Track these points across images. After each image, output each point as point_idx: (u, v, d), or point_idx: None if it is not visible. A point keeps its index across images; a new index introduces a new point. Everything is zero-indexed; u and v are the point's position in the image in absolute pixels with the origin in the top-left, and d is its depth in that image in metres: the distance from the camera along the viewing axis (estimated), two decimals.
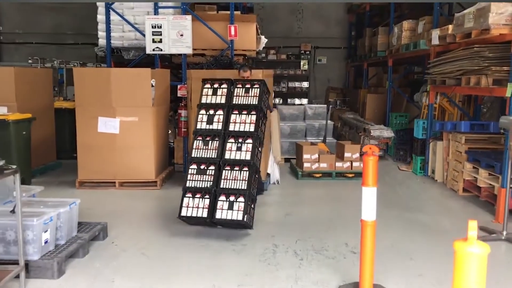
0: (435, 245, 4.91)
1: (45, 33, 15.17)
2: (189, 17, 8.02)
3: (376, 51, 11.61)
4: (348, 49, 15.61)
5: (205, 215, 4.97)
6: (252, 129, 5.28)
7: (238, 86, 5.58)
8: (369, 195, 3.55)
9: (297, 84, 15.18)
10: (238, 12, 8.83)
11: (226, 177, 5.10)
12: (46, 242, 4.08)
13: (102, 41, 8.48)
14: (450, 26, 7.01)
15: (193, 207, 5.03)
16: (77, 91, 7.05)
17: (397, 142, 9.88)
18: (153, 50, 8.08)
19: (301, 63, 15.33)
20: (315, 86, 15.90)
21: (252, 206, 5.13)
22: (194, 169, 5.21)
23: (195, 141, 5.34)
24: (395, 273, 4.17)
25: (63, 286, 3.90)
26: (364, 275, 3.63)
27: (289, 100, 14.68)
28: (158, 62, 8.22)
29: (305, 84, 15.26)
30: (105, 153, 7.01)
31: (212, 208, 4.98)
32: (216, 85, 5.61)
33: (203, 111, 5.49)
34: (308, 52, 15.34)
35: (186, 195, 5.11)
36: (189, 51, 8.06)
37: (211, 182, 5.10)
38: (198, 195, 5.05)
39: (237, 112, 5.41)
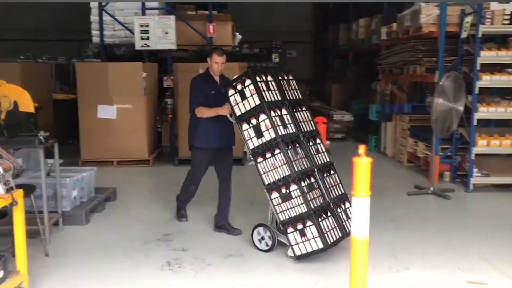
0: (378, 198, 6.28)
1: (25, 29, 15.37)
2: (172, 17, 9.18)
3: (338, 45, 12.97)
4: (315, 43, 16.94)
5: (339, 234, 4.19)
6: (314, 127, 4.65)
7: (281, 78, 4.54)
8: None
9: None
10: (215, 12, 10.02)
11: (328, 186, 4.39)
12: (74, 198, 5.27)
13: (95, 39, 9.57)
14: (394, 24, 8.39)
15: (322, 234, 4.00)
16: (79, 83, 8.17)
17: (357, 125, 11.27)
18: (142, 46, 9.21)
19: (273, 57, 16.62)
20: None
21: None
22: (300, 188, 4.01)
23: (285, 152, 4.05)
24: None
25: (90, 229, 5.12)
26: None
27: None
28: (146, 57, 9.36)
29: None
30: (104, 136, 8.15)
31: (340, 224, 4.26)
32: (264, 77, 4.33)
33: (273, 112, 4.16)
34: (279, 46, 16.62)
35: (298, 227, 4.02)
36: (173, 46, 9.22)
37: (323, 196, 4.22)
38: (320, 218, 4.05)
39: (295, 110, 4.48)
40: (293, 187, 4.03)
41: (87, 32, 9.88)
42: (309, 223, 3.98)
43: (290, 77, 4.70)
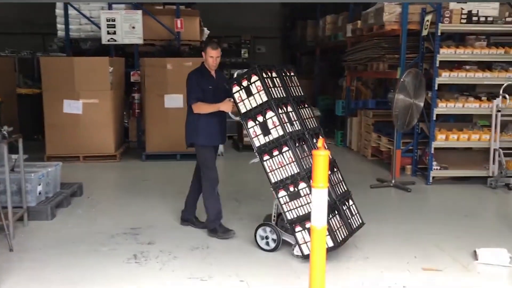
0: None
1: None
2: (139, 11, 9.14)
3: (306, 41, 13.14)
4: (284, 39, 17.09)
5: (346, 232, 4.18)
6: (316, 124, 4.59)
7: (283, 74, 4.47)
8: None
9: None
10: (183, 7, 10.01)
11: (334, 182, 4.33)
12: (39, 193, 5.24)
13: (61, 33, 9.44)
14: (359, 22, 8.59)
15: (332, 232, 3.98)
16: (44, 78, 8.06)
17: (323, 120, 11.46)
18: (108, 40, 9.14)
19: (242, 52, 16.69)
20: None
21: None
22: (309, 186, 3.85)
23: (294, 150, 4.00)
24: None
25: (56, 224, 5.10)
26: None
27: None
28: (113, 51, 9.30)
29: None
30: (70, 131, 8.07)
31: (346, 221, 4.25)
32: (269, 74, 4.26)
33: (280, 109, 4.10)
34: (248, 42, 16.70)
35: (306, 226, 3.91)
36: (140, 41, 9.19)
37: (330, 194, 4.10)
38: (329, 217, 3.95)
39: (299, 107, 4.42)
40: (302, 185, 3.95)
41: (53, 25, 9.74)
42: (308, 224, 3.83)
43: (292, 73, 4.60)
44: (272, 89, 4.15)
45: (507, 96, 6.61)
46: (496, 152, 6.67)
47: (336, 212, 4.15)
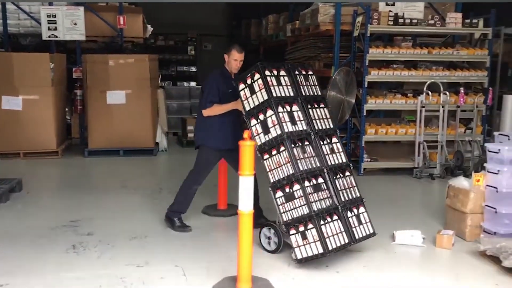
0: None
1: None
2: (81, 8, 9.11)
3: (251, 39, 13.45)
4: (230, 37, 17.32)
5: (345, 240, 4.00)
6: (331, 125, 4.42)
7: (297, 73, 4.39)
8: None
9: (185, 68, 16.64)
10: (126, 4, 10.04)
11: (340, 187, 4.22)
12: None
13: None
14: (297, 22, 8.96)
15: (323, 238, 3.85)
16: None
17: None
18: (49, 36, 9.06)
19: (188, 49, 16.79)
20: (202, 70, 17.43)
21: None
22: (302, 188, 3.89)
23: (290, 150, 3.94)
24: None
25: None
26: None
27: (178, 83, 16.10)
28: (54, 47, 9.22)
29: (193, 68, 16.76)
30: (9, 127, 7.97)
31: (348, 230, 4.08)
32: (275, 72, 4.21)
33: (281, 108, 4.05)
34: (194, 39, 16.81)
35: (300, 230, 3.90)
36: (82, 38, 9.16)
37: (331, 198, 4.08)
38: (324, 222, 3.91)
39: (310, 107, 4.31)
40: (296, 186, 3.90)
41: None
42: (310, 225, 3.84)
43: (310, 72, 4.48)
44: (276, 87, 4.08)
45: (429, 93, 7.15)
46: (420, 145, 7.20)
47: (337, 217, 4.02)
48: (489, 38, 7.51)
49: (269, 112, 4.01)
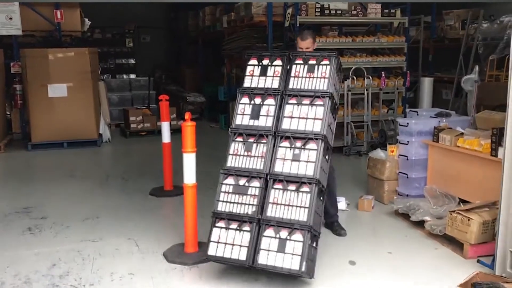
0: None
1: None
2: (16, 2, 9.10)
3: (189, 31, 13.77)
4: (169, 29, 17.51)
5: (243, 257, 3.46)
6: (317, 129, 3.63)
7: (297, 61, 3.86)
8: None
9: (124, 60, 16.65)
10: None
11: (276, 200, 3.56)
12: None
13: None
14: (233, 13, 9.43)
15: (226, 243, 3.52)
16: None
17: (209, 106, 12.25)
18: None
19: (126, 41, 16.81)
20: (142, 62, 17.52)
21: (315, 245, 3.57)
22: (229, 185, 3.67)
23: (233, 143, 3.80)
24: None
25: None
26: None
27: (117, 75, 16.13)
28: None
29: (132, 61, 16.80)
30: None
31: (254, 248, 3.47)
32: (265, 61, 3.92)
33: (245, 99, 3.85)
34: (132, 31, 16.84)
35: (217, 224, 3.61)
36: (19, 32, 9.14)
37: (254, 207, 3.57)
38: (233, 225, 3.56)
39: (295, 102, 3.75)
40: (227, 180, 3.69)
41: None
42: (220, 223, 3.60)
43: (325, 62, 3.79)
44: (256, 77, 3.87)
45: (355, 77, 7.85)
46: (348, 125, 7.90)
47: (248, 229, 3.50)
48: (406, 26, 8.31)
49: (243, 100, 3.88)
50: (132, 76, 16.07)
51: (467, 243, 3.95)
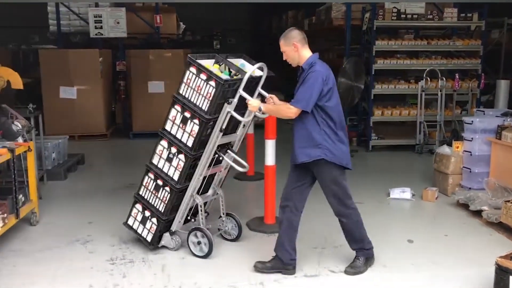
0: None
1: None
2: (123, 8, 10.38)
3: (272, 33, 14.59)
4: (252, 31, 18.48)
5: (147, 239, 4.22)
6: (188, 143, 3.90)
7: (191, 69, 3.91)
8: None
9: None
10: (161, 3, 11.27)
11: (146, 185, 4.20)
12: (54, 159, 6.55)
13: (53, 28, 10.63)
14: (314, 17, 10.07)
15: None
16: (42, 67, 9.27)
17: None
18: (96, 34, 10.36)
19: (214, 43, 18.02)
20: None
21: (166, 233, 4.20)
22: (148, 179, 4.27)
23: (157, 144, 4.19)
24: None
25: (68, 183, 6.45)
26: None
27: None
28: (100, 44, 10.53)
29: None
30: (66, 114, 9.32)
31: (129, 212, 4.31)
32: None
33: (179, 108, 3.96)
34: (219, 34, 18.02)
35: (146, 214, 4.24)
36: (124, 35, 10.41)
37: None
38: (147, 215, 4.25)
39: (179, 109, 3.94)
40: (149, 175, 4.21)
41: (34, 19, 10.81)
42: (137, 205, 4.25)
43: (212, 83, 3.76)
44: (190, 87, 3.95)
45: (429, 79, 8.18)
46: (421, 124, 8.26)
47: (156, 222, 4.16)
48: (483, 30, 8.49)
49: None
50: None
51: None
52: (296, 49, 3.64)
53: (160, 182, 4.11)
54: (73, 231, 4.70)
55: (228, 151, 4.19)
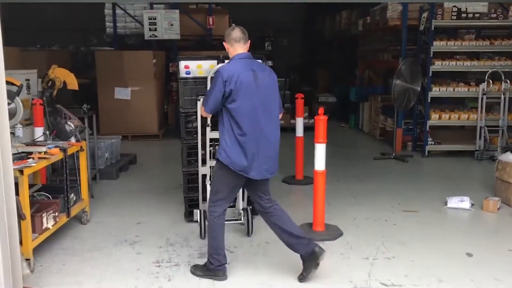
0: (349, 162, 7.74)
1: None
2: (177, 10, 10.51)
3: (324, 34, 14.35)
4: (304, 32, 18.27)
5: None
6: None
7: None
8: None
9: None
10: (214, 5, 11.33)
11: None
12: (106, 158, 6.69)
13: (109, 30, 10.92)
14: (368, 17, 9.78)
15: None
16: (98, 68, 9.53)
17: (340, 106, 12.69)
18: (150, 36, 10.56)
19: (266, 44, 17.95)
20: (278, 64, 18.50)
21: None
22: None
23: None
24: None
25: (120, 183, 6.56)
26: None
27: None
28: (155, 46, 10.71)
29: (270, 63, 17.87)
30: (120, 114, 9.52)
31: None
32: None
33: None
34: (271, 35, 17.93)
35: None
36: (178, 37, 10.57)
37: None
38: None
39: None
40: None
41: (90, 22, 11.14)
42: None
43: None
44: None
45: (490, 81, 7.73)
46: (482, 129, 7.81)
47: None
48: None
49: None
50: None
51: None
52: (227, 47, 3.83)
53: None
54: (122, 231, 4.74)
55: None
